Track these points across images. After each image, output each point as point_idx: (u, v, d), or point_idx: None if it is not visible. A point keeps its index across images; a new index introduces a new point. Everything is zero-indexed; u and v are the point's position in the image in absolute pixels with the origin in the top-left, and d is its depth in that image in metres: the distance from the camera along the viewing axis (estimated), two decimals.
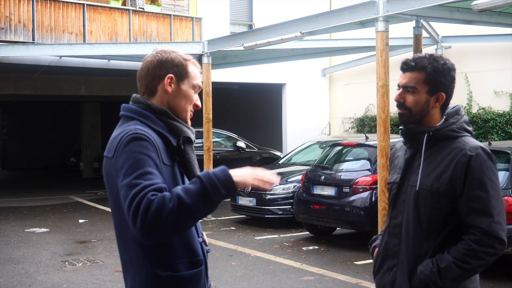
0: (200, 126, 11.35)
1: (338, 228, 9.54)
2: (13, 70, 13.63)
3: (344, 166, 9.48)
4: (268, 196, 10.26)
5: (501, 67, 12.90)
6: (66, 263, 7.88)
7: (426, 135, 2.41)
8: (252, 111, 19.74)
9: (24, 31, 12.39)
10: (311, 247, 8.81)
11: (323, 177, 9.05)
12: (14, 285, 6.83)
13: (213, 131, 12.15)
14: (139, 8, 13.99)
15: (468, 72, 13.47)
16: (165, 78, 2.22)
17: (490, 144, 7.82)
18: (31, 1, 12.40)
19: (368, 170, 8.70)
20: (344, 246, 8.88)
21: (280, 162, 12.63)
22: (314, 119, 17.24)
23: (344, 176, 8.93)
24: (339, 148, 9.79)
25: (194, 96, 2.29)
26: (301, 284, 6.79)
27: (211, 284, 2.34)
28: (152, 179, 1.99)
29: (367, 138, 9.67)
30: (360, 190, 8.45)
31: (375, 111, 14.00)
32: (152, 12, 14.18)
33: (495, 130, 12.78)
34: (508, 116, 12.64)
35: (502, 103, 12.95)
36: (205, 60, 11.45)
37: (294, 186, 10.30)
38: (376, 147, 7.95)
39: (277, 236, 9.67)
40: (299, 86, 16.93)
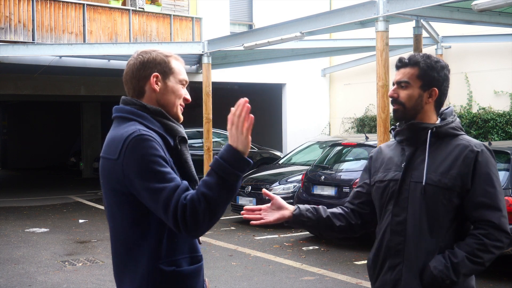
0: (200, 126, 11.34)
1: None
2: (13, 70, 13.62)
3: (344, 166, 9.48)
4: None
5: (501, 67, 12.90)
6: (66, 263, 7.87)
7: (430, 131, 2.43)
8: (252, 111, 19.42)
9: (24, 31, 12.40)
10: (311, 247, 8.80)
11: (323, 177, 9.05)
12: (14, 285, 6.82)
13: (213, 131, 12.13)
14: (139, 8, 14.00)
15: (468, 72, 13.47)
16: (150, 78, 2.22)
17: (490, 144, 7.81)
18: (31, 1, 12.40)
19: None
20: (344, 246, 8.88)
21: (280, 162, 12.61)
22: (314, 119, 17.24)
23: (344, 176, 8.93)
24: (339, 148, 9.79)
25: (183, 90, 2.30)
26: (301, 284, 6.79)
27: (206, 280, 2.36)
28: (173, 179, 2.04)
29: (367, 138, 9.67)
30: None
31: (375, 111, 14.00)
32: (152, 12, 14.19)
33: (495, 130, 12.78)
34: (508, 116, 12.64)
35: (502, 103, 12.95)
36: (205, 60, 11.45)
37: (294, 186, 10.29)
38: (376, 147, 7.94)
39: (277, 236, 9.67)
40: (299, 86, 16.93)
